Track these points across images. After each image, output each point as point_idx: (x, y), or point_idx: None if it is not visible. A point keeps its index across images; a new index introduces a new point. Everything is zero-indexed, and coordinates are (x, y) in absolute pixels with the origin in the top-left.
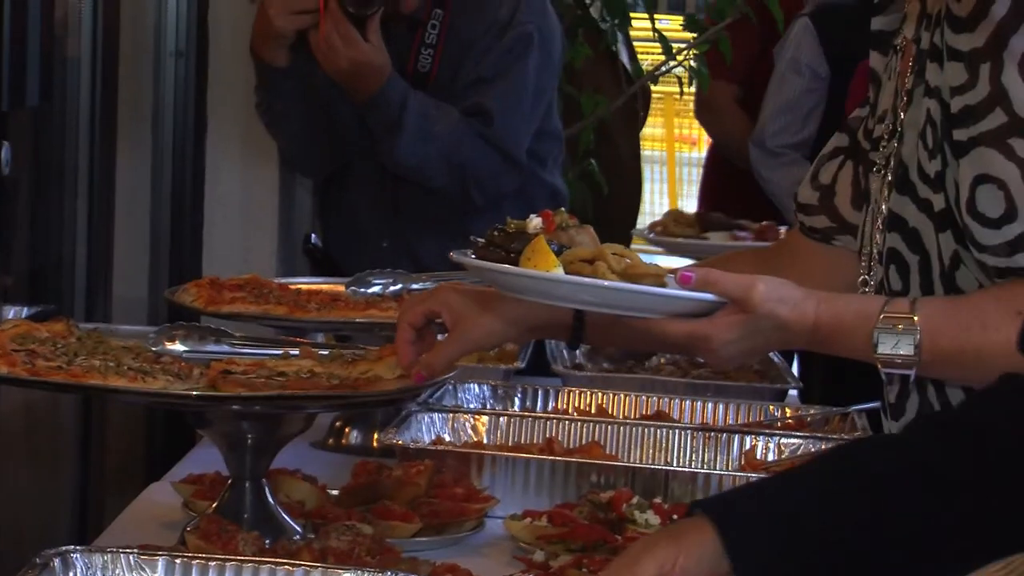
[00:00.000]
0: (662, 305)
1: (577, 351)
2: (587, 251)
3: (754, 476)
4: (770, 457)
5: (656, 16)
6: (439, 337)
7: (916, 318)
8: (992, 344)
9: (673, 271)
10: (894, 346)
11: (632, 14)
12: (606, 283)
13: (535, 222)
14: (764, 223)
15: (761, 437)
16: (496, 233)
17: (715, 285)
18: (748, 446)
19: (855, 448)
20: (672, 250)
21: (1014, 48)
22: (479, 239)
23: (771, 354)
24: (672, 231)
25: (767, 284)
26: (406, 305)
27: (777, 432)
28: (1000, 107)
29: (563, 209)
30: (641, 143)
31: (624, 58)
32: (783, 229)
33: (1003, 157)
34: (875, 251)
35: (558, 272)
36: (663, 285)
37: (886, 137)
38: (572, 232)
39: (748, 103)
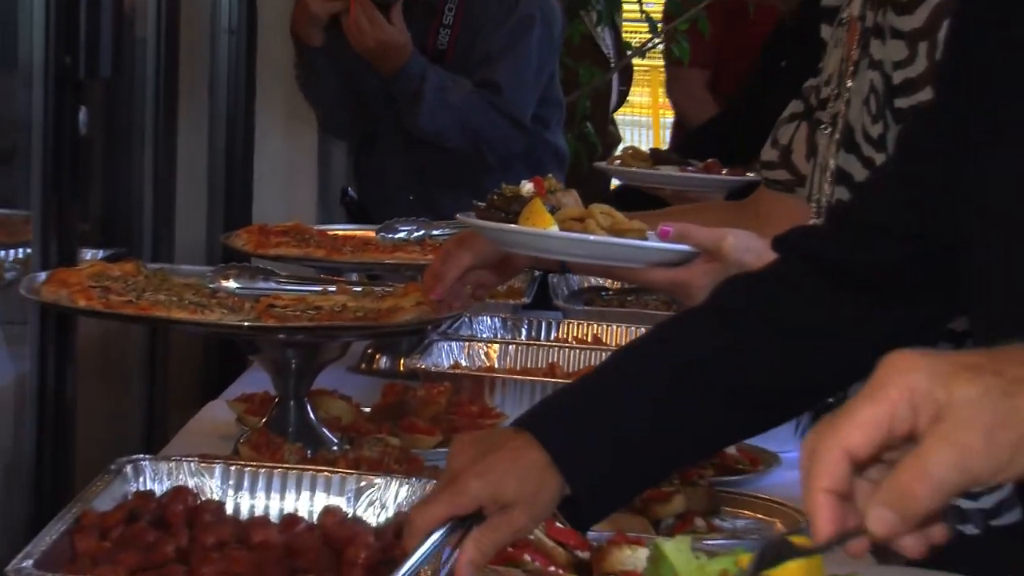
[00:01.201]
0: (645, 256)
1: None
2: (577, 211)
3: None
4: None
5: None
6: None
7: None
8: None
9: (653, 227)
10: None
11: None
12: (595, 238)
13: (527, 187)
14: (709, 160)
15: None
16: (495, 197)
17: (690, 237)
18: None
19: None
20: (629, 179)
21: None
22: (480, 203)
23: None
24: (629, 163)
25: (735, 236)
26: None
27: None
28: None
29: (550, 175)
30: (628, 111)
31: (608, 41)
32: (725, 170)
33: None
34: (823, 200)
35: (554, 229)
36: (644, 238)
37: (832, 99)
38: (559, 195)
39: (715, 86)
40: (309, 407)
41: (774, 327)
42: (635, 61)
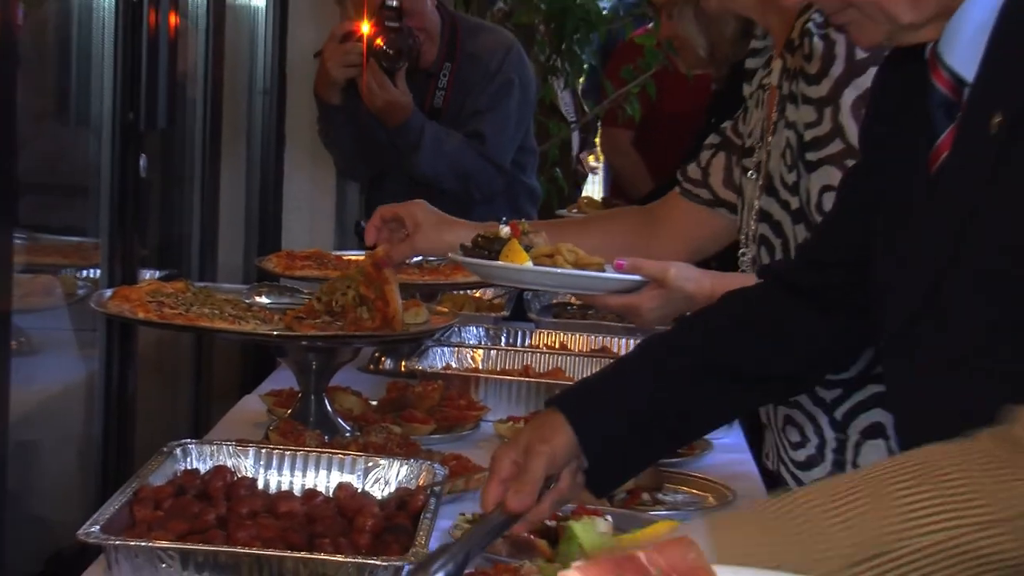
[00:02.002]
0: (603, 285)
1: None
2: (548, 248)
3: None
4: None
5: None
6: None
7: None
8: None
9: (610, 261)
10: None
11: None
12: (562, 271)
13: (505, 230)
14: None
15: None
16: (480, 238)
17: (641, 269)
18: None
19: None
20: None
21: (846, 98)
22: (466, 244)
23: None
24: (584, 210)
25: (677, 268)
26: (384, 209)
27: None
28: (839, 138)
29: (524, 220)
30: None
31: (569, 100)
32: None
33: (841, 173)
34: (751, 235)
35: (528, 265)
36: (602, 270)
37: (756, 150)
38: (532, 236)
39: (639, 143)
40: (326, 401)
41: (754, 329)
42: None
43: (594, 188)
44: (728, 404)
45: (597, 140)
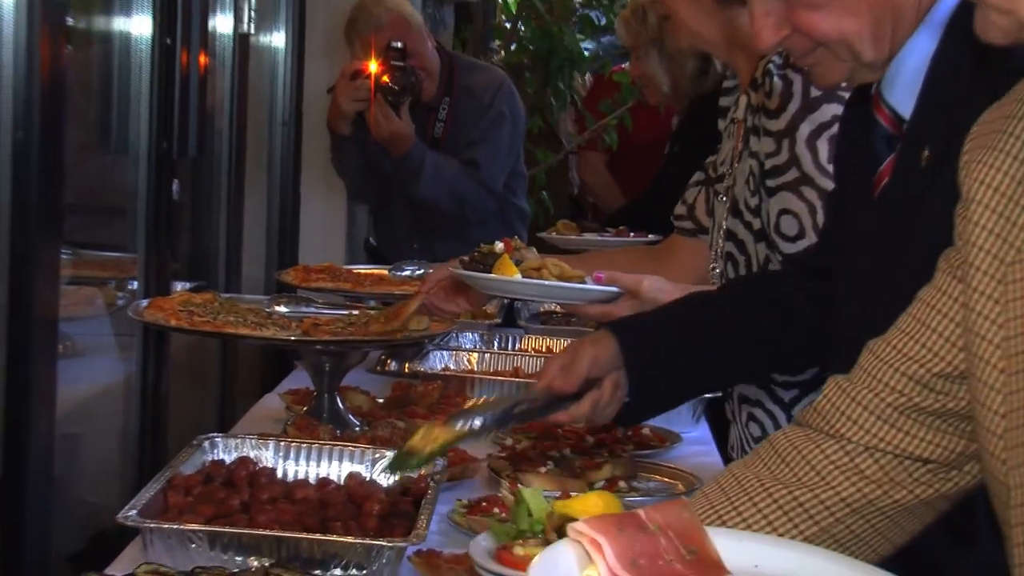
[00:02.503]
0: (584, 295)
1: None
2: (536, 262)
3: None
4: None
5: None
6: None
7: None
8: None
9: (591, 270)
10: None
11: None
12: (548, 283)
13: (499, 246)
14: (620, 228)
15: None
16: (476, 254)
17: (617, 282)
18: None
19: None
20: (564, 245)
21: (802, 131)
22: (465, 257)
23: None
24: (562, 232)
25: (649, 280)
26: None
27: None
28: (795, 167)
29: (516, 237)
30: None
31: (570, 123)
32: (632, 234)
33: (797, 198)
34: (719, 251)
35: (517, 277)
36: (583, 282)
37: (726, 177)
38: (523, 251)
39: (612, 166)
40: (338, 399)
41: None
42: None
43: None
44: (739, 362)
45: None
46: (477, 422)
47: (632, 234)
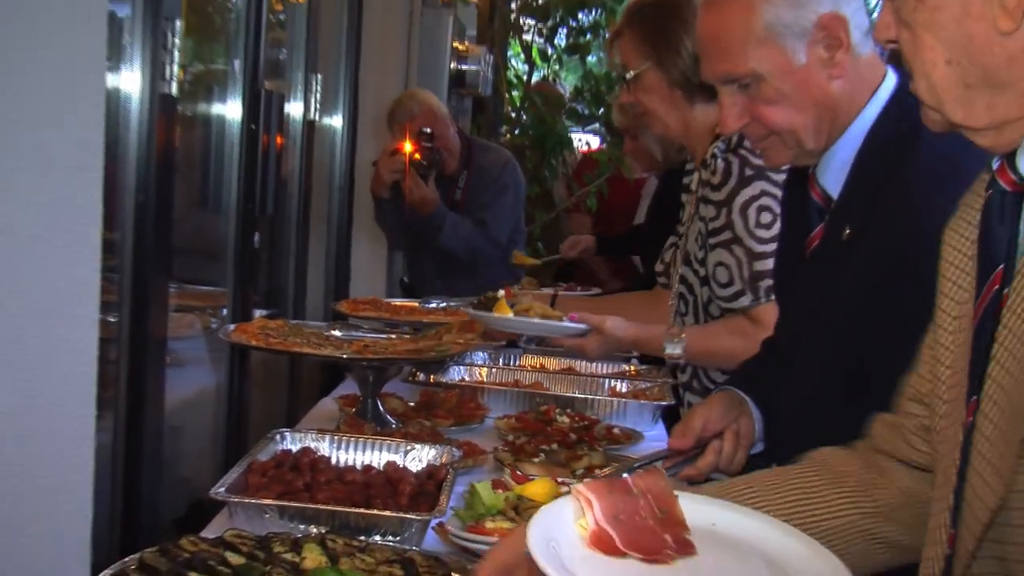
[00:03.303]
0: (561, 331)
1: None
2: (527, 305)
3: (615, 399)
4: (623, 389)
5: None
6: None
7: (683, 335)
8: (721, 348)
9: (567, 315)
10: (672, 348)
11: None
12: (533, 320)
13: (500, 293)
14: (570, 283)
15: (615, 380)
16: (483, 298)
17: (586, 320)
18: (610, 384)
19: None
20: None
21: (737, 202)
22: (475, 300)
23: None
24: (525, 287)
25: (612, 320)
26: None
27: (624, 377)
28: (729, 230)
29: (516, 285)
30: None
31: (562, 189)
32: (579, 288)
33: (729, 254)
34: (675, 291)
35: (510, 316)
36: (560, 320)
37: (683, 235)
38: (519, 296)
39: (594, 223)
40: (379, 403)
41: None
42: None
43: None
44: None
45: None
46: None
47: (579, 288)
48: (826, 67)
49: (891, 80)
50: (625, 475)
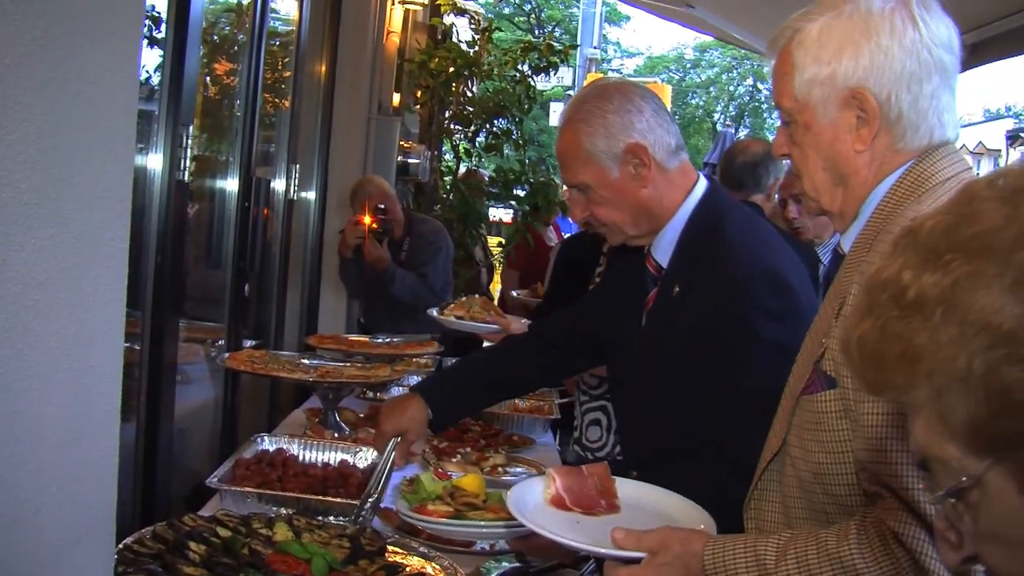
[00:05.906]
0: (482, 329)
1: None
2: (462, 311)
3: (515, 414)
4: (522, 405)
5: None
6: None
7: None
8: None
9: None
10: None
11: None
12: (463, 321)
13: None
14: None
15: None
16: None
17: (498, 321)
18: (511, 401)
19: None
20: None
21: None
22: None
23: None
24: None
25: (516, 322)
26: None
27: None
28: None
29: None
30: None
31: (482, 247)
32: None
33: None
34: None
35: (452, 318)
36: (484, 322)
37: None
38: (469, 301)
39: (523, 280)
40: (337, 414)
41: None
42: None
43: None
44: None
45: (497, 275)
46: None
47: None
48: (635, 180)
49: (703, 183)
50: (583, 466)
